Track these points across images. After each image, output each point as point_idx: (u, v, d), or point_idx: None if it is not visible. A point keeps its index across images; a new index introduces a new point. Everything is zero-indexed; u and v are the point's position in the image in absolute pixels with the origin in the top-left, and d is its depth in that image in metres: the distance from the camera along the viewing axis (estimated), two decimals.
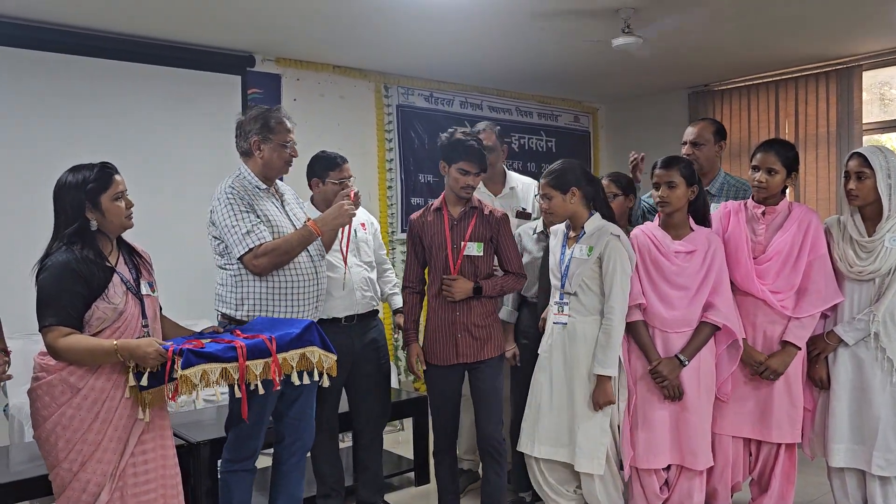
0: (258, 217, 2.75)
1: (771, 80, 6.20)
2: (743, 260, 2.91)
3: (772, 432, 2.89)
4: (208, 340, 2.38)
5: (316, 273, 2.87)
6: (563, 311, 2.90)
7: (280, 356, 2.40)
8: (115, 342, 2.20)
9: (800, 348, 2.87)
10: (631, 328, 2.89)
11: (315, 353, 2.51)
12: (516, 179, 3.82)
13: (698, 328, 2.85)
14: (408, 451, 4.08)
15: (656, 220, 3.02)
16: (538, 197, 3.08)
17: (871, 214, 2.84)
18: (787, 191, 3.04)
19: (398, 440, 4.68)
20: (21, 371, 4.00)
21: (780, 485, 2.93)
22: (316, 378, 2.52)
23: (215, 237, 2.80)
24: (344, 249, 3.24)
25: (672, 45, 5.20)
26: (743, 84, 6.38)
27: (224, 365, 2.28)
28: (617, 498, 2.93)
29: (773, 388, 2.89)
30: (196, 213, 4.91)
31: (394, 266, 4.12)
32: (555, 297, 2.95)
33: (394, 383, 4.88)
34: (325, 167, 3.34)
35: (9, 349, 2.32)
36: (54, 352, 2.21)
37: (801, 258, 2.86)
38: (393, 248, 5.86)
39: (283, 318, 2.71)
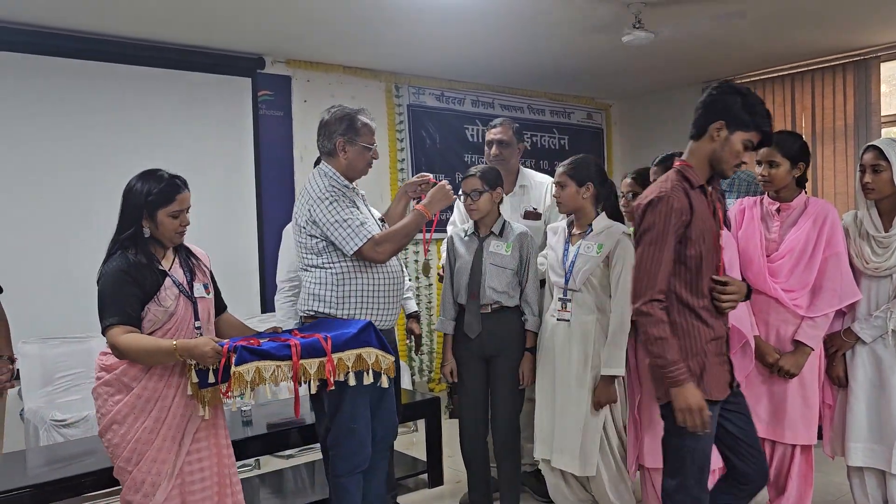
0: (360, 212, 2.79)
1: (786, 73, 6.12)
2: (756, 258, 2.85)
3: (785, 433, 2.83)
4: (266, 339, 2.40)
5: (402, 268, 2.94)
6: (566, 307, 2.90)
7: (336, 356, 2.41)
8: (174, 342, 2.27)
9: (812, 349, 2.81)
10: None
11: (372, 353, 2.51)
12: (529, 177, 3.67)
13: None
14: (421, 453, 4.07)
15: None
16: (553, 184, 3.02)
17: (888, 209, 2.78)
18: (806, 185, 2.96)
19: (412, 441, 4.67)
20: (37, 374, 4.07)
21: (798, 487, 2.86)
22: (371, 380, 2.52)
23: (313, 236, 2.78)
24: None
25: (685, 40, 5.13)
26: (758, 78, 6.30)
27: (278, 363, 2.30)
28: (629, 498, 2.92)
29: (786, 388, 2.82)
30: (207, 214, 4.92)
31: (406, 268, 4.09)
32: (556, 294, 2.96)
33: (407, 384, 4.88)
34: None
35: (15, 357, 2.34)
36: (115, 349, 2.28)
37: (815, 255, 2.79)
38: (405, 249, 5.85)
39: (341, 319, 2.71)
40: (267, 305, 5.09)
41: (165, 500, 2.32)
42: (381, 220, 2.97)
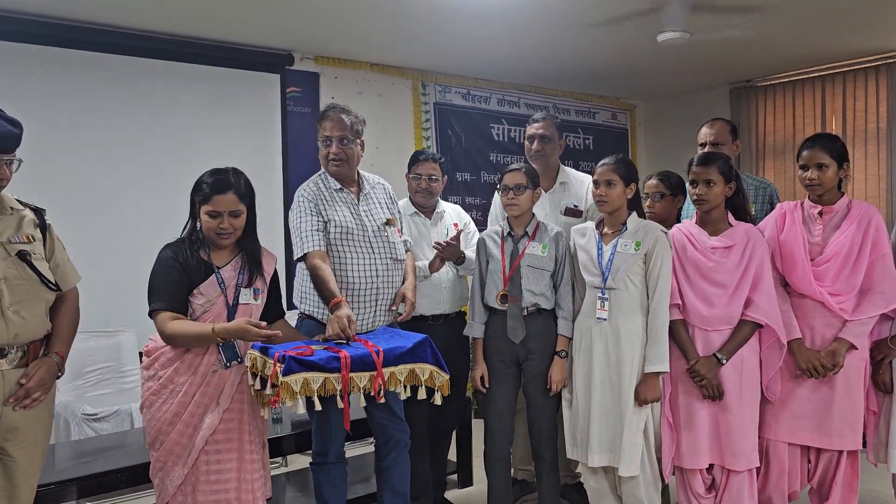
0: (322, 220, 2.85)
1: (817, 75, 6.03)
2: (800, 262, 2.81)
3: (832, 439, 2.79)
4: (320, 348, 2.38)
5: (375, 276, 2.86)
6: (603, 306, 2.88)
7: (388, 370, 2.38)
8: (212, 326, 2.32)
9: (855, 347, 2.75)
10: (670, 327, 2.84)
11: (426, 369, 2.48)
12: (569, 174, 3.61)
13: (738, 326, 2.78)
14: (451, 453, 4.03)
15: (694, 216, 2.97)
16: (595, 182, 2.96)
17: None
18: (844, 187, 2.91)
19: None
20: (67, 368, 4.01)
21: (842, 494, 2.82)
22: (423, 395, 2.50)
23: None
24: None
25: (717, 41, 5.08)
26: (788, 79, 6.22)
27: (326, 375, 2.27)
28: (656, 498, 2.91)
29: (832, 392, 2.79)
30: None
31: None
32: (593, 293, 2.92)
33: None
34: None
35: (63, 355, 2.34)
36: (163, 334, 2.36)
37: (861, 258, 2.75)
38: None
39: (401, 331, 2.71)
40: (293, 304, 5.06)
41: (177, 493, 2.37)
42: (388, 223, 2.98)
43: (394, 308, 2.88)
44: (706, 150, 3.39)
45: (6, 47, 4.18)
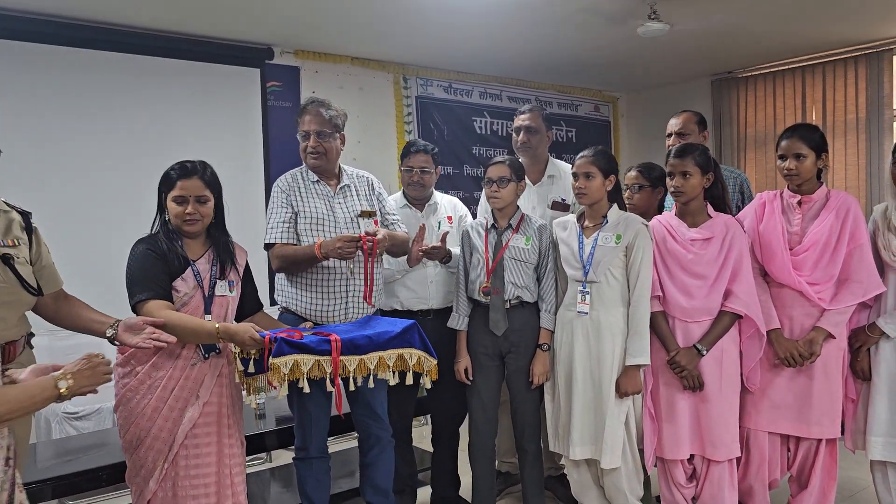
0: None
1: (797, 66, 6.09)
2: (778, 251, 2.83)
3: (811, 428, 2.81)
4: (309, 333, 2.40)
5: (345, 266, 2.84)
6: (584, 300, 2.88)
7: (376, 354, 2.40)
8: (217, 325, 2.29)
9: (833, 336, 2.78)
10: (650, 318, 2.85)
11: (413, 354, 2.50)
12: (558, 167, 3.57)
13: (718, 317, 2.80)
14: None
15: (673, 208, 2.97)
16: (574, 175, 2.94)
17: None
18: (823, 176, 2.93)
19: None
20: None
21: (822, 481, 2.86)
22: (410, 380, 2.52)
23: None
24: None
25: (697, 32, 5.09)
26: (768, 70, 6.27)
27: (317, 357, 2.29)
28: (639, 489, 2.92)
29: (811, 381, 2.81)
30: None
31: None
32: (574, 286, 2.93)
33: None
34: None
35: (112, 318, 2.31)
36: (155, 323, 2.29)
37: (839, 248, 2.77)
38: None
39: (385, 318, 2.72)
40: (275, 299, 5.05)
41: (158, 490, 2.36)
42: (366, 213, 2.96)
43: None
44: (671, 140, 3.44)
45: None
